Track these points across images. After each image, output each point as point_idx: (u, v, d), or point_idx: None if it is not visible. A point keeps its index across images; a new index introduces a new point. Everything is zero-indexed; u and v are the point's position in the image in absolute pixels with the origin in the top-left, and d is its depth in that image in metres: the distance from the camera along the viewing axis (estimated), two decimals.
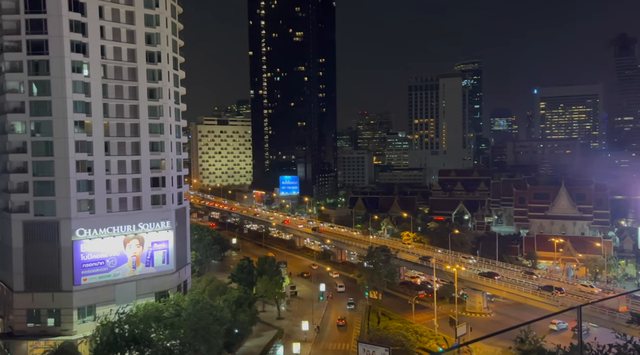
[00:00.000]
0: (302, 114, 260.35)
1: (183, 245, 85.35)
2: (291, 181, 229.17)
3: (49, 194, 70.11)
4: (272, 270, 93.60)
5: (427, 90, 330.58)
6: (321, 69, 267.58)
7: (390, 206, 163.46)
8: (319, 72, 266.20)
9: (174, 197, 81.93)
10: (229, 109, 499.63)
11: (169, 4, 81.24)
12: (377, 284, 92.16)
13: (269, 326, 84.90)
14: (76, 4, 70.26)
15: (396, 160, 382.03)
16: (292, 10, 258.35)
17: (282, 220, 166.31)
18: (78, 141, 70.75)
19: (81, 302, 69.96)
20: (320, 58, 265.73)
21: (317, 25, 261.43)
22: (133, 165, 77.07)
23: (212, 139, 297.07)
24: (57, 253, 69.56)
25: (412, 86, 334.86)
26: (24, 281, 69.79)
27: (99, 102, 73.17)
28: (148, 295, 74.25)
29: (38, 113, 70.22)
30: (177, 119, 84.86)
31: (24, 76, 69.87)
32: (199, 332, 60.81)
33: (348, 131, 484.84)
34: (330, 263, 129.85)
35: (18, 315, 69.78)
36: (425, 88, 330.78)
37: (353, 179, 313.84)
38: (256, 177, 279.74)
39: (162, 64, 79.17)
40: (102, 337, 58.00)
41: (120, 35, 75.32)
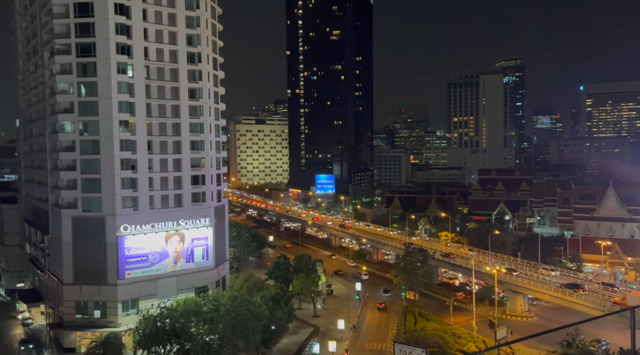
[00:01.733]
0: (339, 112, 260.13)
1: (222, 242, 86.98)
2: (327, 180, 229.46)
3: (96, 190, 72.98)
4: (309, 268, 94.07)
5: (467, 87, 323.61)
6: (358, 67, 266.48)
7: (428, 206, 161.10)
8: (356, 71, 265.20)
9: (214, 194, 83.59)
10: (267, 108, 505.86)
11: (209, 5, 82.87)
12: (414, 285, 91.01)
13: (305, 324, 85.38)
14: (122, 7, 72.74)
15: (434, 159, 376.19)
16: (329, 9, 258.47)
17: (312, 217, 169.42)
18: (123, 140, 73.32)
19: (125, 296, 72.51)
20: (357, 56, 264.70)
21: (354, 23, 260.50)
22: (174, 163, 79.14)
23: (250, 138, 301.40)
24: (103, 248, 72.37)
25: (452, 83, 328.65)
26: (73, 274, 73.03)
27: (143, 102, 75.49)
28: (188, 290, 76.13)
29: (86, 113, 73.19)
30: (217, 119, 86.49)
31: (73, 78, 72.98)
32: (237, 328, 61.79)
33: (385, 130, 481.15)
34: (365, 262, 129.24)
35: (67, 306, 73.09)
36: (465, 85, 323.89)
37: (389, 178, 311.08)
38: (292, 176, 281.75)
39: (202, 65, 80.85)
40: (144, 330, 59.89)
41: (163, 37, 77.41)
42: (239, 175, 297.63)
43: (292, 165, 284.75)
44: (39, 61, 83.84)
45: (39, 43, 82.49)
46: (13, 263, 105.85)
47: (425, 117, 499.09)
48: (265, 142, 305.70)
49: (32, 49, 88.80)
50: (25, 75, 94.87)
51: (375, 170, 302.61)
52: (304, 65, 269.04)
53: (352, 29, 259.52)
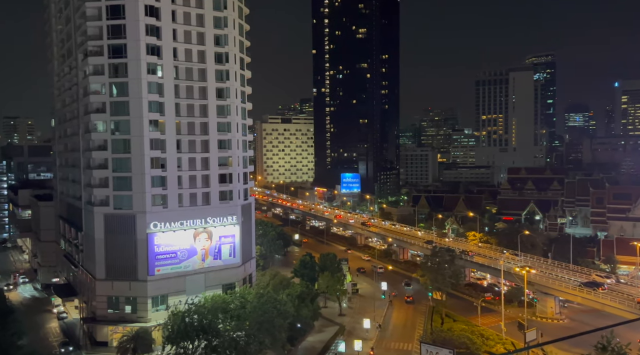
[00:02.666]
0: (364, 111, 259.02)
1: (248, 240, 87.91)
2: (352, 179, 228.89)
3: (127, 188, 74.78)
4: (334, 267, 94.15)
5: (496, 84, 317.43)
6: (384, 65, 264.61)
7: (455, 205, 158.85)
8: (382, 69, 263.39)
9: (240, 193, 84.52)
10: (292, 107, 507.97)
11: (236, 5, 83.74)
12: (440, 285, 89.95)
13: (330, 322, 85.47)
14: (152, 9, 74.25)
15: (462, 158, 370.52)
16: (355, 8, 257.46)
17: (334, 215, 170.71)
18: (152, 139, 74.87)
19: (155, 292, 74.11)
20: (383, 54, 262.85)
21: (380, 21, 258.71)
22: (202, 162, 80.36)
23: (275, 137, 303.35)
24: (134, 244, 74.13)
25: (480, 81, 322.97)
26: (105, 270, 75.09)
27: (172, 102, 76.91)
28: (216, 287, 77.25)
29: (117, 113, 75.06)
30: (244, 118, 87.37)
31: (105, 78, 74.93)
32: (264, 325, 62.37)
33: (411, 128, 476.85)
34: (391, 261, 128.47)
35: (100, 301, 75.22)
36: (494, 83, 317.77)
37: (416, 176, 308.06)
38: (318, 175, 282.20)
39: (229, 65, 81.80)
40: (173, 326, 61.09)
41: (191, 38, 78.64)
42: (265, 173, 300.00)
43: (318, 164, 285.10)
44: (73, 63, 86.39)
45: (73, 45, 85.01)
46: (49, 258, 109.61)
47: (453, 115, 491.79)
48: (291, 141, 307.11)
49: (66, 51, 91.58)
50: (60, 77, 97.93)
51: (402, 169, 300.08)
52: (330, 64, 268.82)
53: (379, 26, 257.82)
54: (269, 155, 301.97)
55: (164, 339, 62.96)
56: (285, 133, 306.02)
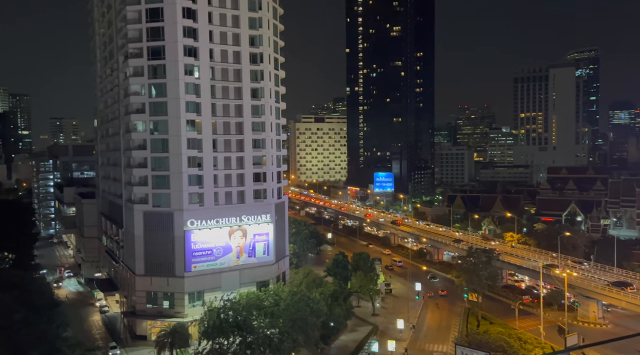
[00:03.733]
0: (398, 109, 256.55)
1: (282, 238, 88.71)
2: (386, 178, 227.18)
3: (165, 187, 76.84)
4: (367, 266, 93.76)
5: (535, 81, 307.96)
6: (419, 63, 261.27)
7: (492, 205, 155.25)
8: (417, 66, 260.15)
9: (274, 191, 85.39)
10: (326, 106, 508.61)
11: (270, 6, 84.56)
12: (476, 286, 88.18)
13: (363, 322, 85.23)
14: (189, 11, 75.96)
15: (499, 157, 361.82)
16: (389, 5, 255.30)
17: (364, 214, 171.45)
18: (190, 139, 76.63)
19: (191, 288, 75.87)
20: (417, 52, 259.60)
21: (415, 18, 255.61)
22: (237, 161, 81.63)
23: (309, 136, 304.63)
24: (171, 241, 76.09)
25: (519, 78, 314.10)
26: (144, 266, 77.42)
27: (208, 102, 78.47)
28: (250, 285, 78.34)
29: (156, 113, 77.19)
30: (277, 118, 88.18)
31: (145, 80, 77.19)
32: (297, 323, 62.80)
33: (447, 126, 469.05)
34: (425, 262, 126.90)
35: (139, 296, 77.62)
36: (533, 79, 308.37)
37: (451, 176, 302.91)
38: (351, 174, 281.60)
39: (264, 65, 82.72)
40: (209, 321, 62.33)
41: (227, 39, 79.98)
42: (298, 172, 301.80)
43: (351, 163, 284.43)
44: (114, 65, 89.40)
45: (115, 47, 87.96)
46: (92, 254, 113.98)
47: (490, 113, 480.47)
48: (324, 140, 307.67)
49: (108, 53, 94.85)
50: (103, 78, 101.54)
51: (436, 168, 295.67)
52: (364, 63, 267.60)
53: (413, 24, 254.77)
54: (302, 154, 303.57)
55: (200, 335, 64.32)
56: (318, 132, 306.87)
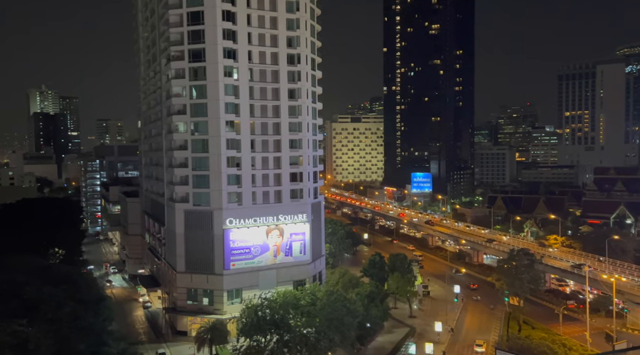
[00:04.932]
0: (437, 108, 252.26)
1: (318, 238, 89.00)
2: (423, 178, 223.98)
3: (205, 186, 78.61)
4: (404, 268, 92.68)
5: (581, 79, 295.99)
6: (458, 61, 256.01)
7: (535, 207, 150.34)
8: (456, 65, 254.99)
9: (310, 191, 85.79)
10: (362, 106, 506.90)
11: (308, 7, 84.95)
12: (518, 290, 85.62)
13: (400, 323, 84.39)
14: (228, 14, 77.37)
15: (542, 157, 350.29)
16: (428, 3, 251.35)
17: (397, 213, 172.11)
18: (229, 139, 78.08)
19: (230, 285, 77.25)
20: (457, 50, 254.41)
21: (454, 16, 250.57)
22: (274, 161, 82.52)
23: (345, 136, 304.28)
24: (211, 239, 77.75)
25: (563, 75, 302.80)
26: (185, 263, 79.45)
27: (246, 103, 79.70)
28: (287, 283, 79.01)
29: (196, 114, 79.07)
30: (314, 118, 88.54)
31: (186, 82, 79.20)
32: (333, 323, 62.84)
33: (487, 125, 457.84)
34: (464, 264, 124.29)
35: (180, 292, 79.72)
36: (579, 76, 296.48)
37: (492, 176, 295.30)
38: (387, 174, 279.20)
39: (301, 66, 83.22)
40: (247, 319, 63.25)
41: (265, 40, 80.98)
42: (334, 172, 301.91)
43: (387, 163, 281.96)
44: (157, 67, 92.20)
45: (158, 51, 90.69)
46: (135, 251, 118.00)
47: (533, 111, 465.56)
48: (360, 140, 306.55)
49: (151, 56, 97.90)
50: (146, 81, 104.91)
51: (476, 168, 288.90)
52: (401, 62, 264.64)
53: (453, 22, 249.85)
54: (338, 154, 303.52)
55: (238, 332, 65.37)
56: (354, 132, 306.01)
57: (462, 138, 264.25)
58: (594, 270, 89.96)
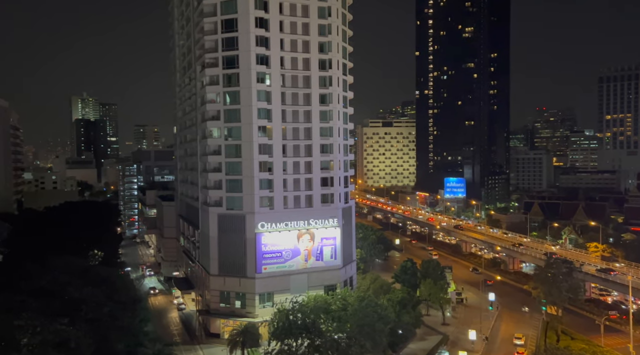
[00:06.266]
0: (470, 112, 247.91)
1: (349, 243, 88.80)
2: (457, 183, 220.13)
3: (238, 190, 79.81)
4: (437, 274, 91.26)
5: (624, 81, 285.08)
6: (493, 64, 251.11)
7: (574, 213, 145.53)
8: (490, 68, 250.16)
9: (341, 196, 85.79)
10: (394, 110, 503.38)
11: (340, 12, 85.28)
12: (556, 299, 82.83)
13: (433, 331, 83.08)
14: (261, 21, 78.58)
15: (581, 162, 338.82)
16: (462, 6, 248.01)
17: (427, 218, 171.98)
18: (261, 144, 79.10)
19: (262, 289, 77.99)
20: (491, 53, 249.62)
21: (489, 19, 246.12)
22: (306, 166, 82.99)
23: (376, 140, 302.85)
24: (243, 243, 78.78)
25: (604, 77, 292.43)
26: (218, 266, 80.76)
27: (278, 108, 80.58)
28: (317, 288, 79.04)
29: (230, 120, 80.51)
30: (345, 123, 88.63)
31: (220, 88, 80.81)
32: (364, 328, 62.43)
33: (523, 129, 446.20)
34: (499, 271, 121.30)
35: (213, 295, 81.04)
36: (621, 79, 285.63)
37: (528, 181, 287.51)
38: (419, 179, 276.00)
39: (332, 71, 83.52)
40: (278, 323, 63.60)
41: (297, 46, 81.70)
42: (365, 177, 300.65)
43: (419, 168, 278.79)
44: (192, 74, 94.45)
45: (193, 58, 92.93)
46: (170, 253, 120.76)
47: (571, 115, 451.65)
48: (392, 145, 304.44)
49: (187, 63, 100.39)
50: (182, 88, 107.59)
51: (512, 173, 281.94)
52: (434, 65, 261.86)
53: (487, 24, 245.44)
54: (369, 159, 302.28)
55: (269, 335, 65.82)
56: (386, 137, 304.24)
57: (496, 142, 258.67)
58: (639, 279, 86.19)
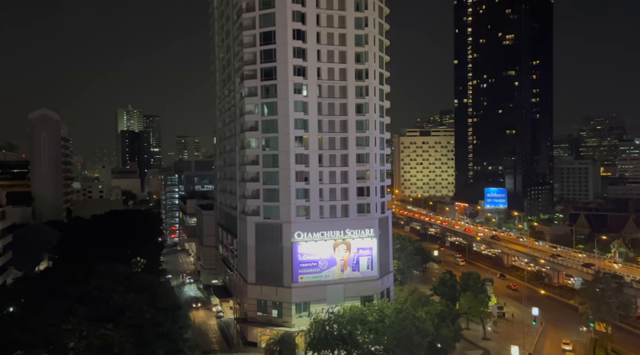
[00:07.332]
0: (512, 121, 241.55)
1: (386, 253, 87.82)
2: (498, 193, 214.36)
3: (275, 200, 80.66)
4: (477, 287, 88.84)
5: None
6: (535, 71, 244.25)
7: (624, 226, 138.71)
8: (532, 75, 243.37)
9: (378, 206, 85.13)
10: (432, 119, 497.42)
11: (377, 22, 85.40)
12: (605, 315, 78.99)
13: (473, 345, 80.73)
14: (299, 33, 79.70)
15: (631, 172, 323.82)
16: (502, 13, 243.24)
17: (464, 228, 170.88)
18: (298, 154, 79.80)
19: (298, 298, 78.12)
20: (533, 60, 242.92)
21: (530, 25, 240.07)
22: (342, 175, 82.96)
23: (414, 150, 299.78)
24: (280, 252, 79.34)
25: None
26: (255, 275, 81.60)
27: (315, 118, 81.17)
28: (354, 299, 78.45)
29: (267, 130, 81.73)
30: (382, 132, 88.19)
31: (258, 99, 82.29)
32: (402, 341, 61.39)
33: (567, 138, 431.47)
34: (543, 286, 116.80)
35: (250, 304, 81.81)
36: None
37: (573, 192, 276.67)
38: (458, 189, 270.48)
39: (369, 81, 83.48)
40: (315, 333, 63.52)
41: (334, 57, 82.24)
42: (402, 187, 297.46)
43: (458, 178, 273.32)
44: (231, 86, 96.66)
45: (232, 70, 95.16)
46: (209, 261, 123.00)
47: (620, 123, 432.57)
48: (429, 154, 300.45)
49: (226, 76, 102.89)
50: (221, 99, 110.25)
51: (556, 183, 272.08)
52: (473, 74, 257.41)
53: (529, 31, 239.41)
54: (406, 168, 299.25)
55: (306, 345, 65.75)
56: (423, 146, 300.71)
57: (539, 151, 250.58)
58: None
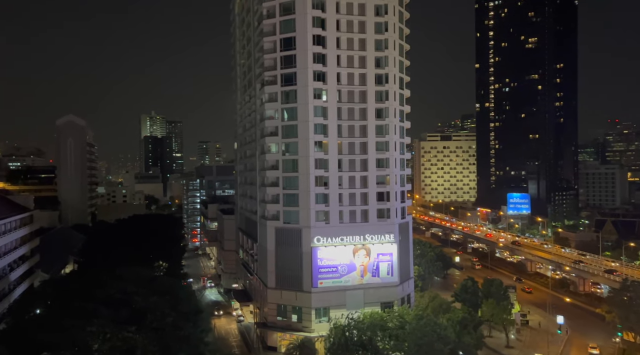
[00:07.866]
0: (535, 125, 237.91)
1: (406, 259, 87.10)
2: (521, 199, 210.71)
3: (294, 204, 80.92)
4: (500, 294, 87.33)
5: None
6: (558, 75, 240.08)
7: None
8: (556, 79, 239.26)
9: (398, 211, 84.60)
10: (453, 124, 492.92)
11: (397, 27, 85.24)
12: (633, 324, 76.72)
13: (495, 353, 79.35)
14: (319, 38, 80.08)
15: None
16: (524, 16, 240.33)
17: (485, 233, 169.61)
18: (317, 159, 79.97)
19: (318, 303, 78.00)
20: (557, 63, 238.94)
21: (554, 28, 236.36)
22: (361, 180, 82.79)
23: (434, 155, 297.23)
24: (299, 257, 79.45)
25: None
26: (275, 279, 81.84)
27: (334, 123, 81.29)
28: (374, 305, 77.92)
29: (287, 135, 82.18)
30: (402, 137, 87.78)
31: (278, 105, 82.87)
32: (423, 348, 60.70)
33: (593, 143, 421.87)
34: (568, 293, 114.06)
35: (270, 308, 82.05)
36: None
37: (599, 198, 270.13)
38: (480, 194, 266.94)
39: (389, 85, 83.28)
40: (334, 338, 63.30)
41: (354, 62, 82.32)
42: (423, 192, 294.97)
43: (480, 183, 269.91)
44: (252, 92, 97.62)
45: (253, 76, 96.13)
46: (230, 266, 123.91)
47: None
48: (450, 159, 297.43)
49: (247, 82, 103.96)
50: (242, 105, 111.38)
51: (581, 189, 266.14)
52: (495, 77, 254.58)
53: (552, 34, 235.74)
54: (427, 173, 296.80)
55: (325, 351, 65.51)
56: (444, 151, 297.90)
57: (564, 156, 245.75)
58: None
